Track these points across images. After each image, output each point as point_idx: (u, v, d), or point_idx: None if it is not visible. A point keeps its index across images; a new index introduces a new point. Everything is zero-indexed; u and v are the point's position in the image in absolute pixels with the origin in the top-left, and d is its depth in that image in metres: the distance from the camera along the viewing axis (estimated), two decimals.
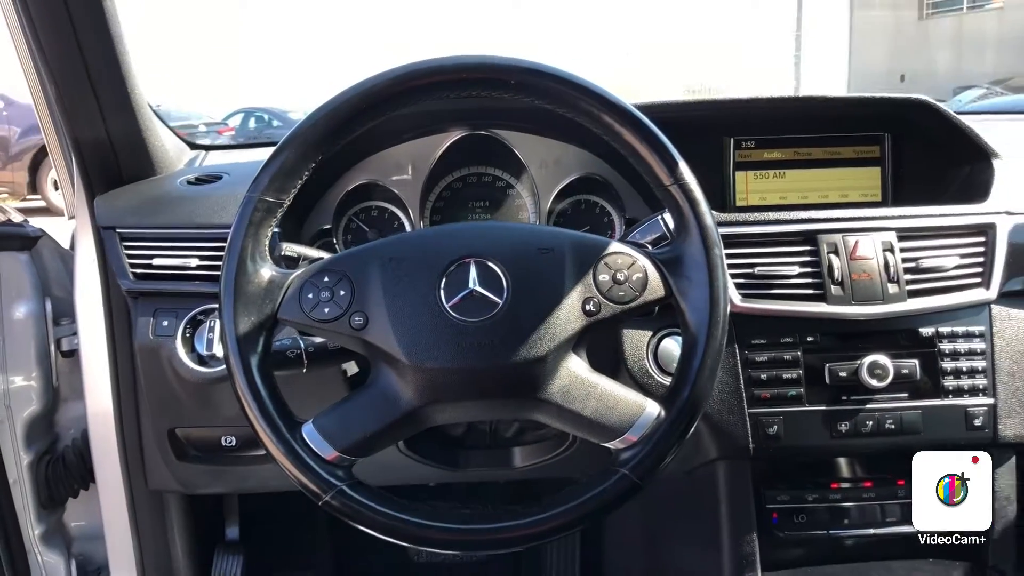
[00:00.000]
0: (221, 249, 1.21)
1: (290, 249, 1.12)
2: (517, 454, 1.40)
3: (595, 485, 0.94)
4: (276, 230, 1.00)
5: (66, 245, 1.55)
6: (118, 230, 1.27)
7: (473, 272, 0.95)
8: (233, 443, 1.31)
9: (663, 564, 1.50)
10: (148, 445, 1.37)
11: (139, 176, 1.38)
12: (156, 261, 1.25)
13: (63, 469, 1.49)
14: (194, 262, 1.25)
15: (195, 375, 1.20)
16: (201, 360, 1.21)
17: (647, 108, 1.00)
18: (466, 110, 1.37)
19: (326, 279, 0.96)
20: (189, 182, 1.37)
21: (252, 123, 12.25)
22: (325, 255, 1.08)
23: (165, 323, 1.23)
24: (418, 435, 1.32)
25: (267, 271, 0.96)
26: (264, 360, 0.94)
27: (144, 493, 1.44)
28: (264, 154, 1.56)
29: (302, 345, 1.05)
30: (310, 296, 0.95)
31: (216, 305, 1.22)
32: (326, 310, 0.95)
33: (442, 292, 0.94)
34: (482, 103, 1.28)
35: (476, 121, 1.40)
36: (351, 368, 1.25)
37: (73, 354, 1.47)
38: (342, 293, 0.95)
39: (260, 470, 1.34)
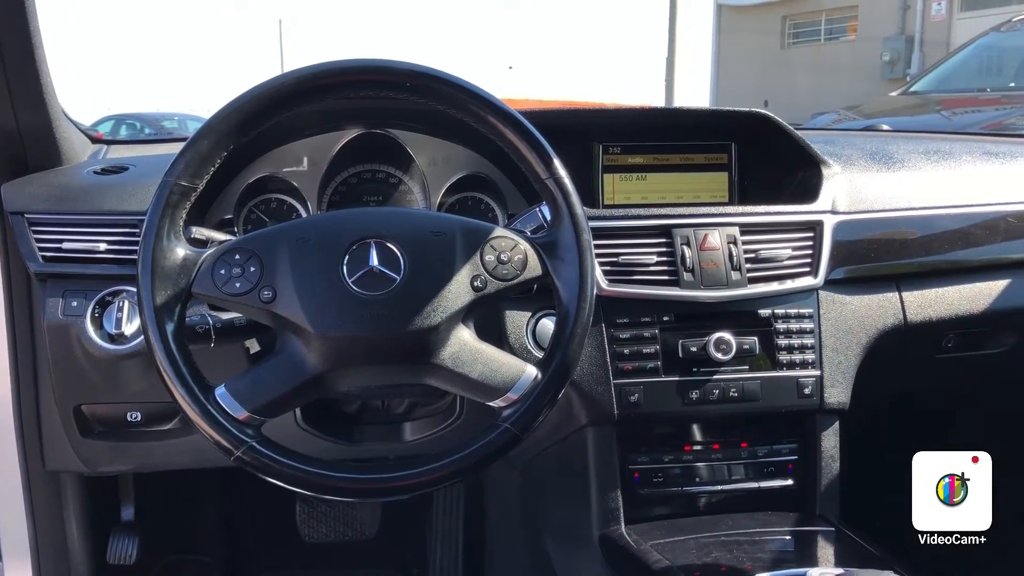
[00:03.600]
0: (129, 234, 1.28)
1: (199, 232, 1.17)
2: (408, 428, 1.48)
3: (481, 438, 1.04)
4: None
5: None
6: (27, 215, 1.28)
7: (373, 251, 1.03)
8: (138, 418, 1.34)
9: (540, 520, 1.58)
10: (49, 425, 1.37)
11: (45, 166, 1.38)
12: (65, 245, 1.27)
13: None
14: (103, 246, 1.27)
15: (104, 352, 1.23)
16: (110, 338, 1.24)
17: (527, 114, 1.10)
18: (363, 109, 1.42)
19: (237, 257, 1.02)
20: (96, 172, 1.39)
21: (123, 130, 11.69)
22: (232, 238, 1.13)
23: (74, 303, 1.25)
24: (315, 411, 1.40)
25: (181, 250, 1.02)
26: (179, 331, 1.00)
27: (40, 476, 1.44)
28: (164, 149, 1.64)
29: (211, 322, 1.11)
30: (222, 272, 1.01)
31: (124, 287, 1.26)
32: (237, 285, 1.01)
33: (345, 268, 1.02)
34: (378, 104, 1.35)
35: (372, 120, 1.45)
36: (253, 346, 1.30)
37: None
38: (252, 269, 1.02)
39: (163, 446, 1.37)
